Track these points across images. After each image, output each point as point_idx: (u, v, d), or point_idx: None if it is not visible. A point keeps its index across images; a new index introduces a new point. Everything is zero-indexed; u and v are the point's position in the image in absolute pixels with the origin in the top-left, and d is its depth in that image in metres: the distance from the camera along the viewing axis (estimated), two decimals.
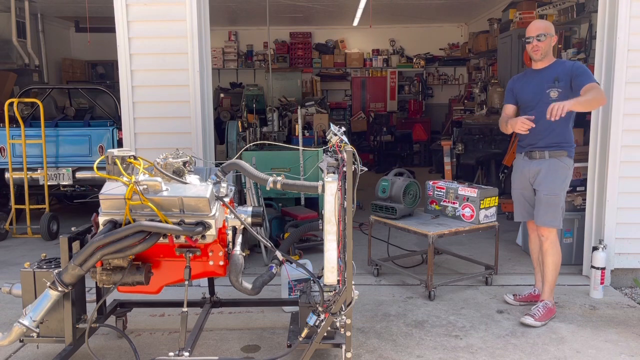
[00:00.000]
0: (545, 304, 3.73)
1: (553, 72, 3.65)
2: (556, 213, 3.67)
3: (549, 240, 3.71)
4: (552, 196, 3.65)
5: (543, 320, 3.65)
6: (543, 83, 3.66)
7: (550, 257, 3.73)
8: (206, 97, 4.33)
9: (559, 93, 3.59)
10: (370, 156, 10.80)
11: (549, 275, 3.76)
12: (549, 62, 3.70)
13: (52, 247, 5.47)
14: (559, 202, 3.67)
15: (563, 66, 3.67)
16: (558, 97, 3.57)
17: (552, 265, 3.74)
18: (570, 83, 3.57)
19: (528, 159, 3.76)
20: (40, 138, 5.90)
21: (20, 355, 3.29)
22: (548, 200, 3.66)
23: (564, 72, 3.61)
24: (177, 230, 2.73)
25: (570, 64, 3.68)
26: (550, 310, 3.73)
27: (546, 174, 3.67)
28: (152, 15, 4.17)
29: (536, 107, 3.67)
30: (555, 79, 3.61)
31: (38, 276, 2.96)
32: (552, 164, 3.66)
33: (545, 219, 3.69)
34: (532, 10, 7.52)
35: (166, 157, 2.95)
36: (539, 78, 3.69)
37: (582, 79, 3.54)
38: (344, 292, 2.76)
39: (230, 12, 9.99)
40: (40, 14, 9.30)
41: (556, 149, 3.65)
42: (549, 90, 3.62)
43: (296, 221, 5.28)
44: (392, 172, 4.79)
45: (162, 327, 3.63)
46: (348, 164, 2.67)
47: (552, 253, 3.73)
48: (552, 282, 3.78)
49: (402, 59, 12.29)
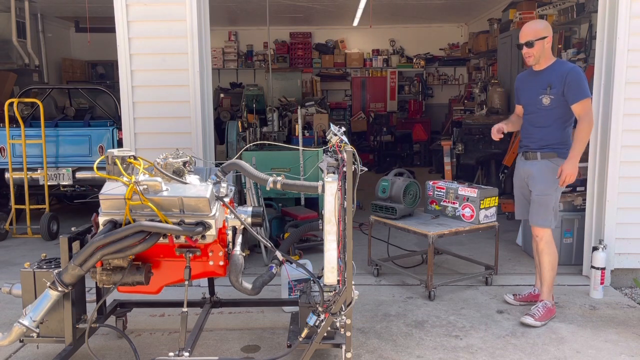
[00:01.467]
0: (544, 304, 3.73)
1: (548, 77, 3.64)
2: (547, 214, 3.69)
3: (544, 241, 3.74)
4: (543, 196, 3.69)
5: (543, 320, 3.66)
6: (538, 88, 3.68)
7: (546, 257, 3.75)
8: (206, 97, 4.33)
9: (550, 100, 3.61)
10: (370, 156, 10.80)
11: (545, 274, 3.77)
12: (548, 64, 3.69)
13: (52, 247, 5.47)
14: (549, 202, 3.69)
15: (560, 70, 3.62)
16: (550, 104, 3.62)
17: (549, 265, 3.75)
18: (563, 90, 3.57)
19: (524, 159, 3.82)
20: (40, 138, 5.89)
21: (20, 355, 3.29)
22: (539, 201, 3.70)
23: (559, 78, 3.58)
24: (177, 230, 2.73)
25: (566, 70, 3.61)
26: (550, 310, 3.73)
27: (537, 174, 3.72)
28: (152, 15, 4.17)
29: (531, 110, 3.75)
30: (549, 86, 3.62)
31: (38, 276, 2.96)
32: (542, 165, 3.70)
33: (536, 218, 3.73)
34: (532, 10, 7.52)
35: (166, 157, 2.95)
36: (535, 82, 3.72)
37: (572, 94, 3.54)
38: (344, 292, 2.76)
39: (230, 12, 9.98)
40: (40, 14, 9.30)
41: (547, 151, 3.69)
42: (542, 97, 3.65)
43: (296, 221, 5.27)
44: (392, 172, 4.79)
45: (162, 327, 3.63)
46: (348, 164, 2.67)
47: (547, 252, 3.75)
48: (550, 282, 3.79)
49: (402, 59, 12.29)
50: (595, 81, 4.34)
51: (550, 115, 3.65)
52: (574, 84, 3.54)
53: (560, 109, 3.62)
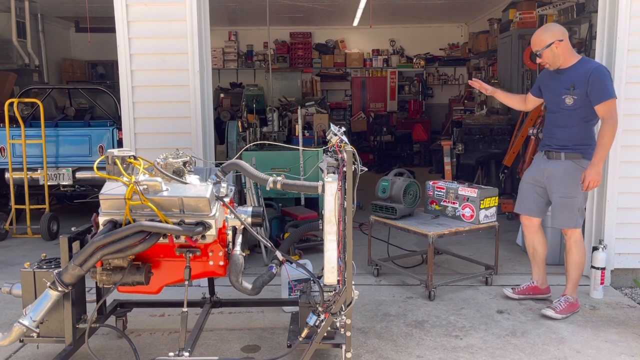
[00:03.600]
0: (567, 299, 3.80)
1: (572, 77, 3.60)
2: (572, 214, 3.70)
3: (572, 239, 3.77)
4: (567, 198, 3.68)
5: (564, 314, 3.72)
6: (561, 88, 3.64)
7: (573, 256, 3.80)
8: (206, 97, 4.33)
9: (574, 100, 3.57)
10: (370, 156, 10.79)
11: (572, 273, 3.83)
12: (571, 63, 3.63)
13: (52, 247, 5.46)
14: (574, 204, 3.68)
15: (584, 69, 3.56)
16: (573, 104, 3.58)
17: (575, 264, 3.81)
18: (586, 90, 3.52)
19: (546, 158, 3.78)
20: (40, 138, 5.89)
21: (20, 355, 3.29)
22: (563, 202, 3.70)
23: (582, 77, 3.54)
24: (177, 230, 2.73)
25: (590, 68, 3.56)
26: (573, 305, 3.80)
27: (560, 176, 3.69)
28: (152, 15, 4.17)
29: (555, 109, 3.72)
30: (572, 85, 3.57)
31: (38, 276, 2.96)
32: (566, 166, 3.67)
33: (561, 220, 3.75)
34: (532, 10, 7.51)
35: (166, 157, 2.95)
36: (559, 81, 3.67)
37: (595, 94, 3.49)
38: (344, 292, 2.76)
39: (230, 12, 9.98)
40: (40, 14, 9.29)
41: (572, 151, 3.65)
42: (565, 97, 3.61)
43: (296, 221, 5.27)
44: (392, 172, 4.79)
45: (162, 327, 3.63)
46: (348, 164, 2.67)
47: (575, 252, 3.79)
48: (576, 280, 3.84)
49: (402, 59, 12.29)
50: None
51: (574, 115, 3.61)
52: (597, 84, 3.49)
53: (584, 109, 3.57)
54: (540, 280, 4.06)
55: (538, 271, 4.06)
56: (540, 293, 4.06)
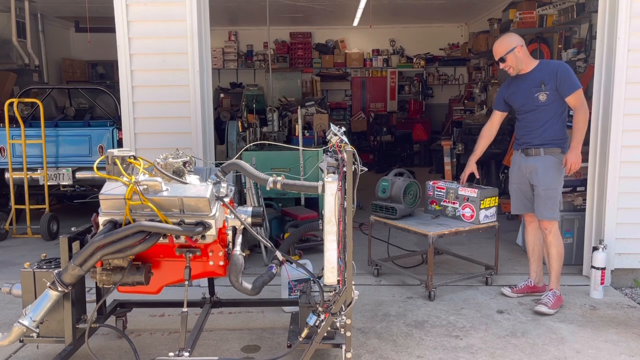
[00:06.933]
0: (554, 293, 3.91)
1: (539, 75, 3.83)
2: (555, 205, 3.88)
3: (552, 233, 3.91)
4: (550, 190, 3.85)
5: (555, 308, 3.83)
6: (531, 87, 3.84)
7: (554, 248, 3.92)
8: (206, 97, 4.33)
9: (547, 96, 3.79)
10: (370, 156, 10.79)
11: (554, 264, 3.94)
12: (532, 66, 3.87)
13: (52, 247, 5.46)
14: (557, 195, 3.87)
15: (547, 68, 3.84)
16: (547, 99, 3.78)
17: (557, 256, 3.93)
18: (556, 85, 3.74)
19: (524, 155, 3.95)
20: (40, 138, 5.89)
21: (20, 355, 3.29)
22: (547, 195, 3.85)
23: (549, 74, 3.78)
24: (177, 230, 2.73)
25: (554, 65, 3.84)
26: (559, 299, 3.91)
27: (543, 170, 3.85)
28: (152, 15, 4.17)
29: (528, 111, 3.90)
30: (542, 83, 3.79)
31: (38, 276, 2.96)
32: (547, 160, 3.85)
33: (545, 212, 3.87)
34: (532, 10, 7.50)
35: (166, 157, 2.95)
36: (527, 83, 3.87)
37: (565, 87, 3.74)
38: (344, 292, 2.76)
39: (230, 12, 9.98)
40: (40, 14, 9.29)
41: (550, 146, 3.84)
42: (537, 94, 3.81)
43: (296, 221, 5.27)
44: (392, 172, 4.79)
45: (162, 327, 3.63)
46: (348, 164, 2.67)
47: (555, 244, 3.92)
48: (558, 271, 3.96)
49: (402, 59, 12.28)
50: (595, 81, 4.35)
51: (548, 110, 3.81)
52: (565, 77, 3.75)
53: (555, 103, 3.80)
54: (537, 278, 4.16)
55: (536, 268, 4.14)
56: (538, 291, 4.13)
